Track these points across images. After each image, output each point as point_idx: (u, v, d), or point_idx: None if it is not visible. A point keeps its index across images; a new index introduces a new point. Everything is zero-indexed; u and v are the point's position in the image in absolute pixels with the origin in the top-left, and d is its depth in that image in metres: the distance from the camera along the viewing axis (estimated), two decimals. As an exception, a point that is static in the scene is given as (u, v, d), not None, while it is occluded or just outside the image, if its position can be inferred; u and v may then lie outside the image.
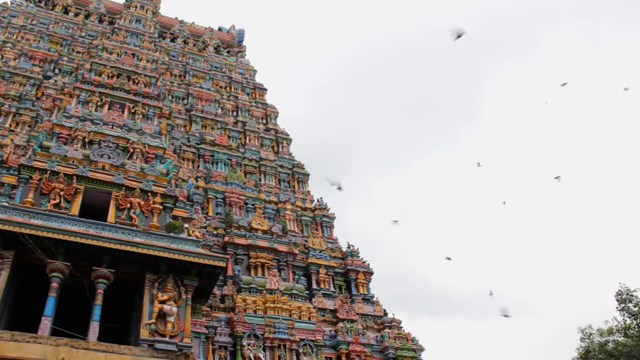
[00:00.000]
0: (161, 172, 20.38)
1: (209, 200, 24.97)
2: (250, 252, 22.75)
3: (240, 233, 23.30)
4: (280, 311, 20.51)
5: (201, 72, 33.71)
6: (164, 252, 16.87)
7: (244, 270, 22.35)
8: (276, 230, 24.13)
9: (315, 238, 25.17)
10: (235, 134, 29.95)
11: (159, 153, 21.50)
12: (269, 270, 22.48)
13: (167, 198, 19.42)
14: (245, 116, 31.80)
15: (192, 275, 17.41)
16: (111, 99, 23.64)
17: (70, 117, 21.88)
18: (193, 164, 26.99)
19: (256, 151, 29.13)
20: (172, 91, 31.27)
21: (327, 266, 24.05)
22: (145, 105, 23.96)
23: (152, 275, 16.96)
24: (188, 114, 29.95)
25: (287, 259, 23.38)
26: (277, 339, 19.43)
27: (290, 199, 27.01)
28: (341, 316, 21.81)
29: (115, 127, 22.11)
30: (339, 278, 24.33)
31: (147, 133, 22.35)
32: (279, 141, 30.70)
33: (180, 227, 18.52)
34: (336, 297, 23.16)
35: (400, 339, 21.75)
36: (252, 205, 25.43)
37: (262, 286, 21.48)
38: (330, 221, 26.84)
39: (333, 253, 25.27)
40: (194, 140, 28.08)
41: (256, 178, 27.63)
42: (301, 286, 22.47)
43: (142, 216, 18.55)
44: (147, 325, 15.92)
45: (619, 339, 27.53)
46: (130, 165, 20.00)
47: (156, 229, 18.16)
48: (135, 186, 19.07)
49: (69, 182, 18.32)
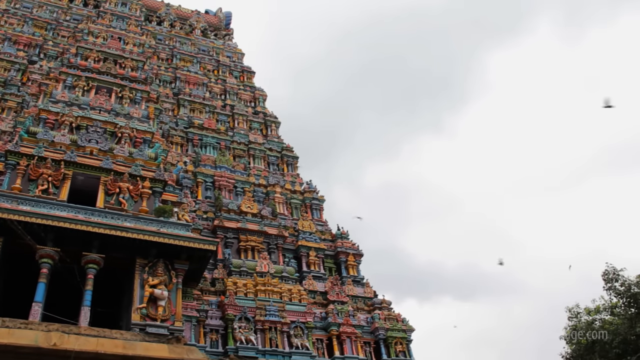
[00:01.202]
0: (150, 157, 20.29)
1: (198, 184, 24.90)
2: (240, 235, 22.72)
3: (230, 216, 23.27)
4: (271, 294, 20.57)
5: (188, 55, 33.47)
6: (153, 236, 16.85)
7: (234, 253, 22.30)
8: (266, 213, 24.12)
9: (305, 221, 25.18)
10: (224, 118, 29.80)
11: (147, 137, 21.35)
12: (259, 253, 22.48)
13: (156, 182, 19.35)
14: (233, 99, 31.61)
15: (182, 259, 17.38)
16: (98, 84, 23.43)
17: (57, 102, 21.69)
18: (182, 148, 26.88)
19: (245, 134, 29.01)
20: (159, 75, 31.02)
21: (317, 249, 24.09)
22: (132, 89, 23.76)
23: (143, 259, 16.95)
24: (176, 97, 29.75)
25: (277, 241, 23.37)
26: (268, 322, 19.47)
27: (279, 182, 26.98)
28: (332, 298, 21.92)
29: (103, 111, 21.91)
30: (329, 260, 24.44)
31: (135, 117, 22.17)
32: (267, 124, 30.57)
33: (169, 211, 18.48)
34: (326, 279, 23.23)
35: (391, 320, 21.91)
36: (242, 189, 25.40)
37: (253, 269, 21.50)
38: (320, 204, 26.84)
39: (323, 235, 25.29)
40: (182, 124, 27.95)
41: (245, 161, 27.48)
42: (291, 269, 22.49)
43: (131, 201, 18.50)
44: (138, 310, 15.94)
45: (605, 317, 27.87)
46: (118, 150, 19.89)
47: (146, 214, 18.13)
48: (123, 171, 18.98)
49: (56, 167, 18.20)
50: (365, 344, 21.18)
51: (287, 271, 22.23)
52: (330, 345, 20.48)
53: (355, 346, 20.52)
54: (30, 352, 13.71)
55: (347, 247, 24.70)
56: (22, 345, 13.59)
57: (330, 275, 23.79)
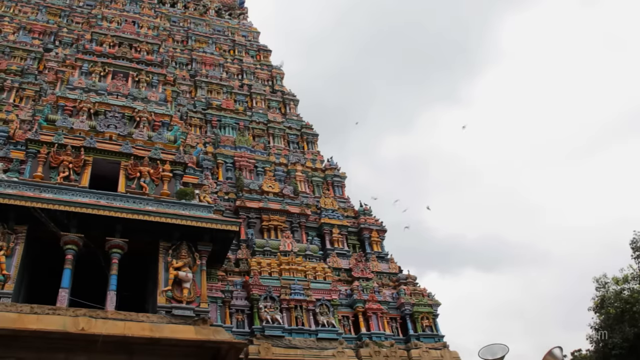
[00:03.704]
0: (169, 140, 20.25)
1: (219, 165, 24.98)
2: (263, 215, 22.80)
3: (252, 197, 23.35)
4: (295, 272, 20.67)
5: (203, 36, 33.28)
6: (176, 219, 16.88)
7: (257, 233, 22.39)
8: (287, 192, 24.19)
9: (327, 198, 25.18)
10: (242, 98, 29.72)
11: (165, 120, 21.32)
12: (282, 232, 22.55)
13: (177, 165, 19.35)
14: (250, 79, 31.50)
15: (205, 241, 17.39)
16: (114, 69, 23.38)
17: (74, 88, 21.73)
18: (200, 130, 26.86)
19: (263, 114, 28.95)
20: (175, 57, 30.96)
21: (340, 226, 24.07)
22: (148, 73, 23.66)
23: (166, 242, 16.97)
24: (193, 79, 29.69)
25: (299, 220, 23.43)
26: (293, 300, 19.58)
27: (300, 160, 27.01)
28: (356, 275, 21.96)
29: (120, 96, 21.92)
30: (352, 237, 24.38)
31: (152, 101, 22.13)
32: (285, 103, 30.48)
33: (191, 193, 18.50)
34: (350, 256, 23.22)
35: (416, 295, 21.88)
36: (262, 169, 25.45)
37: (276, 248, 21.59)
38: (342, 180, 26.79)
39: (345, 212, 25.28)
40: (200, 106, 27.92)
41: (265, 141, 27.52)
42: (315, 247, 22.59)
43: (152, 184, 18.51)
44: (163, 292, 16.01)
45: (634, 286, 27.55)
46: (137, 134, 19.88)
47: (167, 197, 18.16)
48: (143, 155, 19.00)
49: (77, 154, 18.25)
50: (392, 319, 21.18)
51: (311, 249, 22.31)
52: (357, 322, 20.46)
53: (382, 322, 20.51)
54: (59, 337, 13.90)
55: (370, 224, 24.67)
56: (50, 330, 13.77)
57: (354, 252, 23.80)
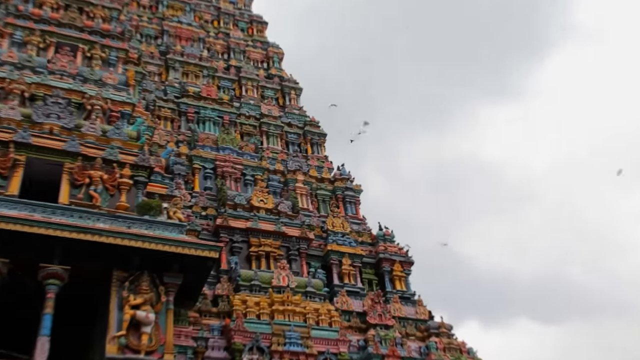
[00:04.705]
0: (130, 136, 20.12)
1: (195, 171, 25.14)
2: (251, 238, 22.90)
3: (237, 214, 23.47)
4: (291, 315, 20.70)
5: (179, 1, 33.30)
6: (136, 240, 16.62)
7: (243, 262, 22.49)
8: (284, 208, 24.23)
9: (336, 218, 25.26)
10: (227, 84, 29.93)
11: (126, 111, 21.22)
12: (275, 261, 22.64)
13: (139, 169, 19.22)
14: (239, 59, 31.61)
15: (174, 270, 17.21)
16: (58, 40, 23.18)
17: (2, 64, 21.47)
18: (172, 125, 27.12)
19: (255, 105, 29.03)
20: (140, 28, 31.06)
21: (352, 255, 24.19)
22: (104, 47, 23.52)
23: (121, 272, 16.73)
24: (163, 58, 29.81)
25: (299, 246, 23.57)
26: (287, 353, 19.48)
27: (301, 168, 27.12)
28: (372, 321, 22.00)
29: (66, 77, 21.66)
30: (368, 270, 24.66)
31: (109, 84, 22.03)
32: (284, 92, 30.64)
33: (157, 207, 18.37)
34: (365, 295, 23.31)
35: (452, 351, 21.82)
36: (252, 177, 25.61)
37: (268, 283, 21.56)
38: (356, 195, 27.09)
39: (360, 237, 25.44)
40: (172, 93, 28.17)
41: (256, 141, 27.82)
42: (319, 282, 22.58)
43: (105, 194, 18.33)
44: (115, 339, 15.63)
45: None
46: (87, 127, 19.67)
47: (125, 211, 18.01)
48: (95, 155, 18.77)
49: (4, 151, 17.90)
50: (419, 383, 21.08)
51: (314, 285, 22.28)
52: (373, 385, 20.31)
53: (406, 387, 20.35)
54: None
55: (392, 253, 24.97)
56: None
57: (370, 290, 23.91)
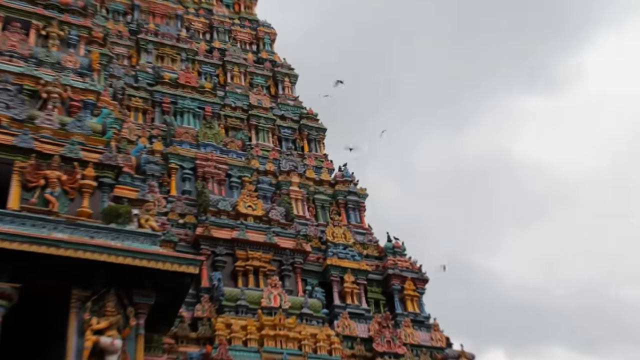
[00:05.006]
0: (94, 130, 19.79)
1: (171, 171, 25.28)
2: (237, 250, 23.01)
3: (221, 222, 23.53)
4: (284, 342, 20.80)
5: (152, -30, 33.90)
6: (100, 253, 16.19)
7: (228, 278, 22.62)
8: (276, 216, 24.35)
9: (336, 227, 25.36)
10: (210, 69, 30.18)
11: (89, 100, 20.93)
12: (266, 278, 22.77)
13: (105, 169, 18.92)
14: (224, 40, 32.15)
15: (145, 288, 16.84)
16: (6, 14, 23.17)
17: None
18: (145, 117, 27.24)
19: (243, 95, 29.38)
20: (107, 2, 31.24)
21: (356, 270, 24.26)
22: (63, 24, 23.44)
23: (82, 290, 16.32)
24: (134, 38, 30.16)
25: (293, 260, 23.74)
26: (280, 386, 19.51)
27: (297, 168, 27.28)
28: (379, 348, 22.03)
29: (16, 58, 21.59)
30: (374, 289, 24.77)
31: (69, 68, 21.76)
32: (277, 79, 31.02)
33: (126, 214, 18.12)
34: (371, 318, 23.37)
35: (474, 385, 22.28)
36: (239, 179, 25.81)
37: (256, 303, 21.61)
38: (360, 200, 27.20)
39: (365, 250, 25.53)
40: (144, 80, 28.24)
41: (244, 136, 27.86)
42: (317, 302, 22.73)
43: (64, 199, 18.03)
44: None
45: None
46: (43, 119, 19.37)
47: (88, 218, 17.69)
48: (52, 152, 18.46)
49: None
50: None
51: (310, 305, 22.36)
52: (379, 422, 20.60)
53: None
54: None
55: (403, 268, 24.94)
56: None
57: (376, 312, 23.99)
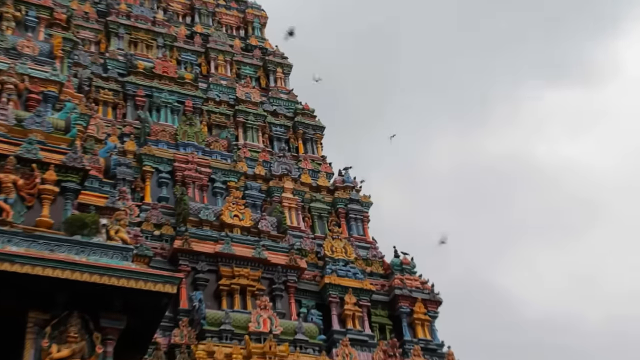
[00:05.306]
0: (56, 127, 19.20)
1: (146, 175, 25.34)
2: (221, 266, 23.03)
3: (203, 234, 23.60)
4: None
5: (123, -59, 34.05)
6: (62, 269, 15.29)
7: (211, 299, 22.68)
8: (266, 227, 24.48)
9: (336, 240, 25.36)
10: (191, 57, 30.83)
11: (50, 92, 20.38)
12: (254, 298, 22.79)
13: (68, 172, 18.15)
14: (207, 24, 32.91)
15: (114, 310, 15.84)
16: None
17: None
18: (115, 112, 27.33)
19: (229, 87, 29.77)
20: None
21: (358, 290, 24.27)
22: (19, 3, 23.47)
23: (40, 312, 15.38)
24: (103, 20, 30.52)
25: (286, 278, 23.77)
26: None
27: (290, 172, 27.50)
28: None
29: None
30: (379, 311, 24.87)
31: (26, 55, 21.35)
32: (268, 69, 31.45)
33: (92, 224, 17.24)
34: (376, 345, 23.43)
35: (493, 420, 22.25)
36: (224, 184, 25.91)
37: (243, 327, 21.54)
38: (364, 210, 27.44)
39: (369, 266, 25.55)
40: (115, 69, 28.46)
41: (229, 135, 28.04)
42: (312, 326, 22.75)
43: (21, 206, 17.19)
44: None
45: None
46: None
47: (48, 229, 17.00)
48: (6, 152, 17.68)
49: None
50: None
51: (305, 331, 22.35)
52: None
53: None
54: None
55: (412, 288, 24.99)
56: None
57: (382, 339, 24.03)
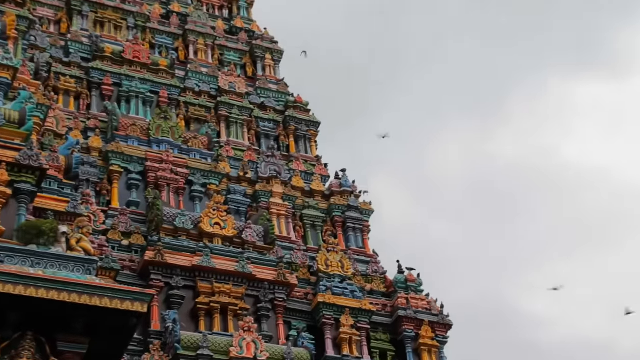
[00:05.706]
0: (8, 119, 19.07)
1: (113, 176, 25.44)
2: (200, 282, 23.18)
3: (179, 244, 23.68)
4: None
5: None
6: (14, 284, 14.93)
7: (186, 319, 22.74)
8: (252, 237, 24.60)
9: (331, 253, 25.38)
10: (166, 40, 31.28)
11: (2, 78, 20.39)
12: (236, 319, 22.87)
13: (23, 172, 18.08)
14: (185, 2, 33.48)
15: (75, 332, 15.65)
16: None
17: None
18: (78, 102, 27.43)
19: (210, 75, 30.08)
20: None
21: (356, 310, 24.34)
22: None
23: None
24: None
25: (274, 295, 23.85)
26: None
27: (280, 174, 27.71)
28: None
29: None
30: (381, 334, 24.86)
31: None
32: (256, 55, 31.90)
33: (50, 232, 16.92)
34: None
35: None
36: (203, 187, 26.13)
37: (223, 352, 21.63)
38: (364, 218, 27.65)
39: (369, 284, 25.71)
40: (78, 53, 28.65)
41: (210, 131, 28.21)
42: (303, 351, 22.85)
43: None
44: None
45: None
46: None
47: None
48: None
49: None
50: None
51: (295, 357, 22.40)
52: None
53: None
54: None
55: (418, 309, 25.06)
56: None
57: None
